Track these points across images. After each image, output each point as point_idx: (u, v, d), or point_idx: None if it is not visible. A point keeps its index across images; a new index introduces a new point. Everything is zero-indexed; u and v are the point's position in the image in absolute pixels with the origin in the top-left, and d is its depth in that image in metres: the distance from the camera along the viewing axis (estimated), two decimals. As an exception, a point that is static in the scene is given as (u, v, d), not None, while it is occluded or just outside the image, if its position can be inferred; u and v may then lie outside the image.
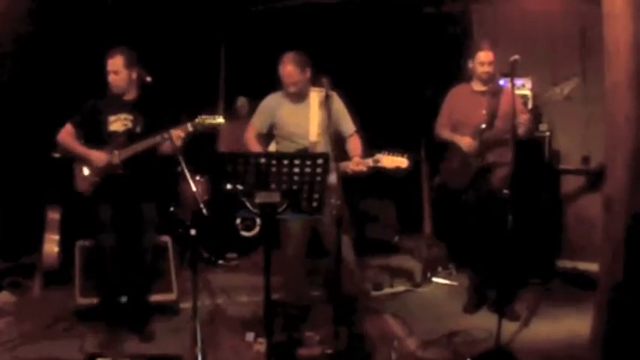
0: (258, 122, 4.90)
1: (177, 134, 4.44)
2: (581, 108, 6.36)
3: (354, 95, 5.00)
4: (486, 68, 5.10)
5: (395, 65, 7.54)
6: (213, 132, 7.95)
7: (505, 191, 4.80)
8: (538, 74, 6.40)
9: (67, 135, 4.76)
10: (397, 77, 7.55)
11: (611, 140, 3.84)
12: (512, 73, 4.57)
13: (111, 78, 4.65)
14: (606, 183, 3.90)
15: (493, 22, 6.83)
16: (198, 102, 4.44)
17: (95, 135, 4.73)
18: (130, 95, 4.75)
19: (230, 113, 7.94)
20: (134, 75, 4.69)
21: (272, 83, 4.86)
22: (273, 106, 4.82)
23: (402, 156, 4.52)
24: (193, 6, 7.26)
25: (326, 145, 4.65)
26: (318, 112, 4.75)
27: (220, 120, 4.55)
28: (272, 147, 4.92)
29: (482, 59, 5.10)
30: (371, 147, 4.68)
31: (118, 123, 4.70)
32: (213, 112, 4.61)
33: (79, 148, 4.73)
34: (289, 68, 4.65)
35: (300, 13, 7.62)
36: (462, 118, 5.22)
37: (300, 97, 4.75)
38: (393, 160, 4.49)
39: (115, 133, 4.69)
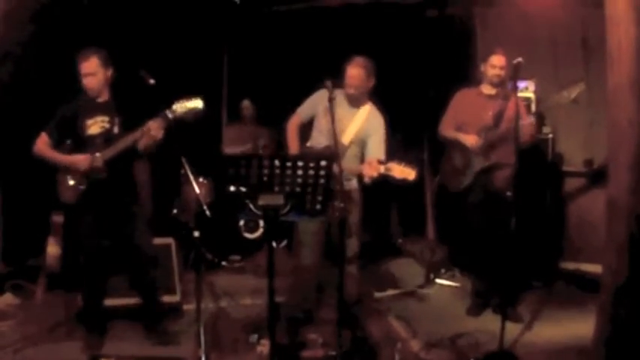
0: (303, 110, 4.94)
1: (156, 125, 4.35)
2: (584, 111, 6.35)
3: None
4: (497, 71, 5.13)
5: (398, 68, 7.54)
6: (218, 134, 8.04)
7: (508, 193, 4.81)
8: (541, 77, 6.40)
9: (42, 145, 4.62)
10: (400, 80, 7.55)
11: (614, 143, 3.84)
12: (515, 75, 4.58)
13: (87, 81, 4.53)
14: (609, 185, 3.91)
15: (496, 25, 6.82)
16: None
17: (73, 141, 4.61)
18: (104, 96, 4.64)
19: (234, 116, 7.98)
20: (109, 74, 4.61)
21: (275, 86, 4.88)
22: (324, 98, 4.67)
23: (411, 168, 4.52)
24: (197, 10, 7.27)
25: (355, 155, 4.77)
26: (361, 123, 4.80)
27: (199, 103, 4.39)
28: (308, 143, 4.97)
29: (495, 62, 5.13)
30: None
31: (96, 126, 4.58)
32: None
33: (58, 157, 4.58)
34: (358, 71, 4.71)
35: (304, 16, 7.64)
36: (468, 120, 5.23)
37: (353, 102, 4.80)
38: (403, 171, 4.49)
39: (93, 136, 4.57)
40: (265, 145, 7.69)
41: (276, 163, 3.40)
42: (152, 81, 4.48)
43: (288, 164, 3.41)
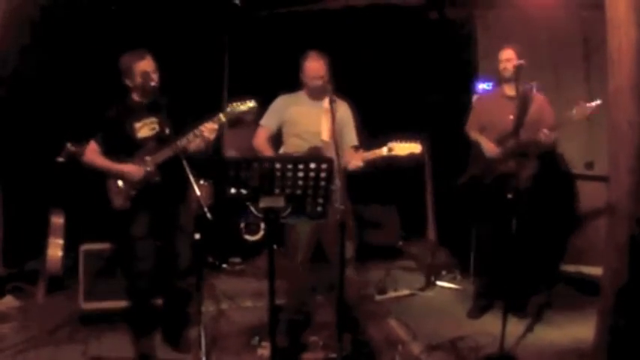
0: (269, 121, 4.85)
1: (211, 127, 4.29)
2: (585, 113, 6.36)
3: (357, 100, 5.02)
4: (504, 64, 5.14)
5: (398, 70, 7.55)
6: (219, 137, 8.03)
7: (509, 195, 4.80)
8: (541, 79, 6.40)
9: (93, 154, 4.50)
10: (401, 82, 7.56)
11: (615, 145, 3.84)
12: (517, 77, 4.57)
13: (153, 77, 4.39)
14: (610, 188, 3.91)
15: (496, 27, 6.83)
16: (201, 107, 4.41)
17: (124, 146, 4.45)
18: (147, 98, 4.51)
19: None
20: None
21: (275, 88, 4.88)
22: (285, 104, 4.81)
23: (414, 142, 4.52)
24: (198, 12, 7.28)
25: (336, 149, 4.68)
26: (330, 115, 4.75)
27: (253, 104, 4.38)
28: (281, 151, 4.89)
29: (501, 57, 5.17)
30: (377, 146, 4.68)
31: (146, 128, 4.47)
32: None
33: (111, 166, 4.44)
34: (318, 63, 4.70)
35: (305, 18, 7.64)
36: (489, 122, 5.25)
37: (317, 95, 4.75)
38: (407, 147, 4.49)
39: (144, 139, 4.46)
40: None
41: (277, 165, 3.40)
42: (153, 83, 4.34)
43: (289, 166, 3.40)
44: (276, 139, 4.90)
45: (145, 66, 4.39)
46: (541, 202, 5.36)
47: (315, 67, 4.70)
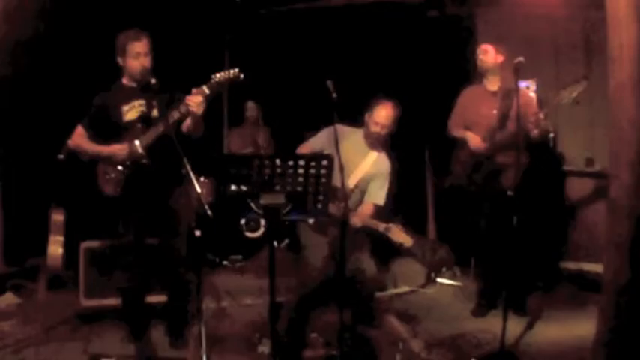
0: (316, 143, 4.64)
1: (195, 100, 4.12)
2: (585, 110, 6.35)
3: (358, 98, 5.01)
4: (480, 57, 5.19)
5: (399, 68, 7.55)
6: (219, 134, 8.04)
7: (509, 192, 4.81)
8: (542, 76, 6.41)
9: (79, 138, 4.46)
10: (401, 80, 7.55)
11: (615, 143, 3.84)
12: (516, 75, 4.58)
13: (142, 60, 4.31)
14: (610, 185, 3.91)
15: (497, 25, 6.83)
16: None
17: (111, 130, 4.38)
18: (138, 81, 4.41)
19: (237, 116, 7.98)
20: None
21: (276, 87, 4.87)
22: (339, 135, 4.20)
23: (410, 236, 4.49)
24: (197, 10, 7.28)
25: (357, 202, 4.62)
26: (369, 167, 4.64)
27: (236, 72, 4.18)
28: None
29: (478, 52, 5.22)
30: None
31: (133, 111, 4.39)
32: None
33: (96, 148, 4.39)
34: (391, 112, 4.55)
35: (305, 16, 7.64)
36: (474, 118, 5.24)
37: (371, 144, 4.64)
38: (401, 236, 4.44)
39: (130, 122, 4.38)
40: (265, 146, 7.72)
41: (278, 162, 3.40)
42: (154, 80, 4.26)
43: (290, 163, 3.41)
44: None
45: (139, 47, 4.33)
46: (535, 199, 5.37)
47: (385, 114, 4.54)
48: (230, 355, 4.60)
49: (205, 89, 4.20)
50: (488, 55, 5.13)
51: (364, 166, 4.63)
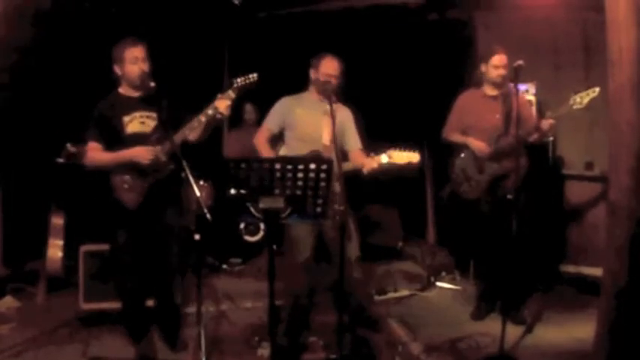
0: (271, 122, 4.83)
1: (224, 104, 4.22)
2: (585, 114, 6.30)
3: (357, 101, 5.02)
4: (501, 71, 5.10)
5: (398, 72, 7.56)
6: (219, 137, 8.05)
7: (509, 196, 4.80)
8: (542, 80, 6.41)
9: (95, 153, 4.34)
10: (401, 83, 7.56)
11: (615, 146, 3.84)
12: (516, 78, 4.57)
13: (140, 66, 4.30)
14: (610, 188, 3.91)
15: (497, 28, 6.84)
16: (201, 108, 4.39)
17: (112, 142, 4.33)
18: (141, 90, 4.40)
19: (236, 119, 7.98)
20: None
21: (275, 90, 4.87)
22: (289, 106, 4.79)
23: (413, 151, 4.53)
24: (197, 13, 7.28)
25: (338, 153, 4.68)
26: (331, 119, 4.72)
27: (255, 76, 4.32)
28: (281, 152, 4.86)
29: (497, 62, 5.12)
30: (376, 153, 4.68)
31: (135, 122, 4.35)
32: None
33: (119, 155, 4.28)
34: (336, 63, 4.74)
35: (304, 20, 7.64)
36: (474, 123, 5.21)
37: (325, 95, 4.70)
38: (405, 156, 4.50)
39: (135, 134, 4.33)
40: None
41: (277, 166, 3.40)
42: (152, 84, 4.25)
43: (289, 167, 3.40)
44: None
45: (137, 52, 4.32)
46: (534, 202, 5.36)
47: (332, 65, 4.73)
48: (229, 359, 4.59)
49: (231, 94, 4.29)
50: (506, 68, 5.08)
51: (328, 120, 4.58)
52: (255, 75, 4.32)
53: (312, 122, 4.71)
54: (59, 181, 5.73)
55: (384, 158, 4.51)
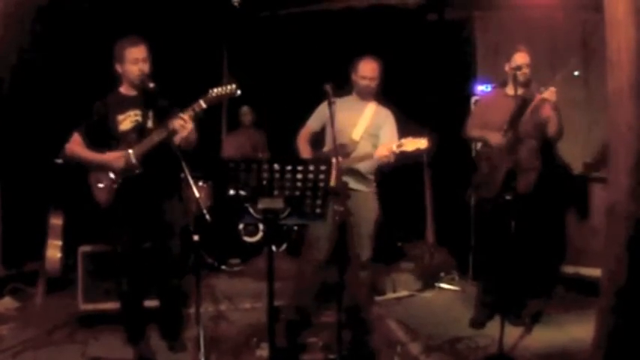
0: (313, 120, 5.01)
1: (180, 123, 4.14)
2: (583, 114, 6.37)
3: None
4: (524, 70, 5.09)
5: (398, 72, 7.54)
6: (218, 139, 8.05)
7: (507, 197, 4.78)
8: (540, 80, 6.40)
9: (76, 145, 4.44)
10: (400, 84, 7.55)
11: (614, 147, 3.84)
12: (515, 81, 4.55)
13: (141, 66, 4.32)
14: (609, 189, 3.90)
15: (496, 29, 6.84)
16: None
17: (106, 139, 4.40)
18: (137, 90, 4.44)
19: (233, 121, 8.00)
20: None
21: (275, 91, 4.88)
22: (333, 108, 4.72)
23: (421, 137, 4.54)
24: (196, 14, 7.28)
25: (366, 148, 4.79)
26: (370, 117, 4.88)
27: (234, 88, 4.20)
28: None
29: (518, 61, 5.09)
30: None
31: (127, 121, 4.40)
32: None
33: (92, 156, 4.38)
34: (374, 64, 4.91)
35: (303, 20, 7.64)
36: (490, 121, 5.14)
37: (365, 97, 4.91)
38: (414, 142, 4.52)
39: (125, 132, 4.39)
40: (262, 151, 7.73)
41: (276, 166, 3.40)
42: (152, 85, 4.28)
43: (288, 168, 3.40)
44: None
45: (137, 53, 4.34)
46: (540, 204, 5.34)
47: (368, 67, 4.88)
48: (228, 359, 4.59)
49: (202, 104, 4.23)
50: (530, 67, 5.08)
51: (366, 117, 4.89)
52: (234, 86, 4.23)
53: (346, 117, 4.79)
54: (58, 181, 5.73)
55: (393, 147, 4.56)
